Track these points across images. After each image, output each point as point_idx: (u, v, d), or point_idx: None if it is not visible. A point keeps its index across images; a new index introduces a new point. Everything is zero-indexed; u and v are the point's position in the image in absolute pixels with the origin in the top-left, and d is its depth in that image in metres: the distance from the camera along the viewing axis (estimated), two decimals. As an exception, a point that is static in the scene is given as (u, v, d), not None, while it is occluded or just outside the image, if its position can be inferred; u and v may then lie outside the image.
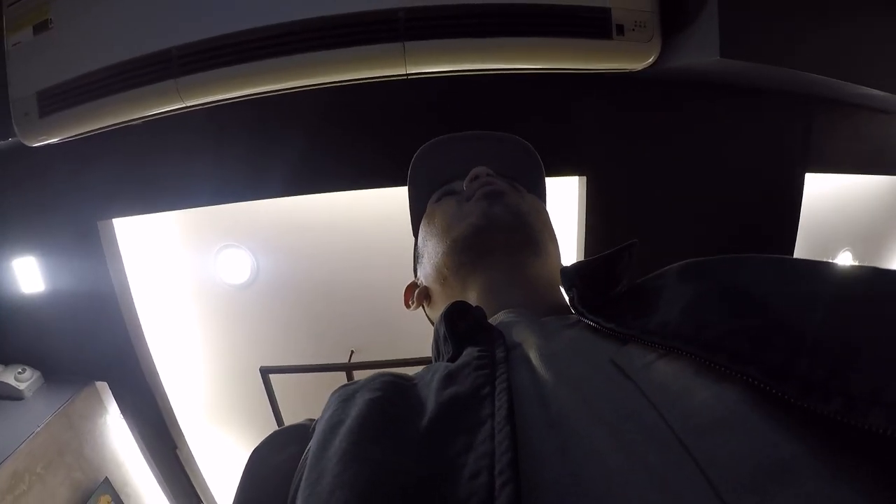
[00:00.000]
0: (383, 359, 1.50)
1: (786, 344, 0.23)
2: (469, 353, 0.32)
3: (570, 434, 0.24)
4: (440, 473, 0.22)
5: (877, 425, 0.18)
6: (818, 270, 0.27)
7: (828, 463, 0.19)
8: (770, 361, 0.23)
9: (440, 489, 0.21)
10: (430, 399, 0.28)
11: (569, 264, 0.41)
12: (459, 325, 0.36)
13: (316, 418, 0.33)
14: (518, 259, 0.49)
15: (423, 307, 0.60)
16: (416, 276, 0.63)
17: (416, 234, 0.63)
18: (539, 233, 0.51)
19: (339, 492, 0.22)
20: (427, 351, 0.44)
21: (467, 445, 0.23)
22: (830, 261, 0.28)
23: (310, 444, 0.29)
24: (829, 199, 1.73)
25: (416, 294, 0.58)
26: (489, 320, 0.39)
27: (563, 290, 0.41)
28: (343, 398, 0.31)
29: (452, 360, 0.33)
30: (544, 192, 0.65)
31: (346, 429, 0.26)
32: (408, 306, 0.59)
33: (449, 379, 0.29)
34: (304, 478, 0.26)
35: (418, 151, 0.65)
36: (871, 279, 0.25)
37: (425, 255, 0.57)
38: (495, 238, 0.48)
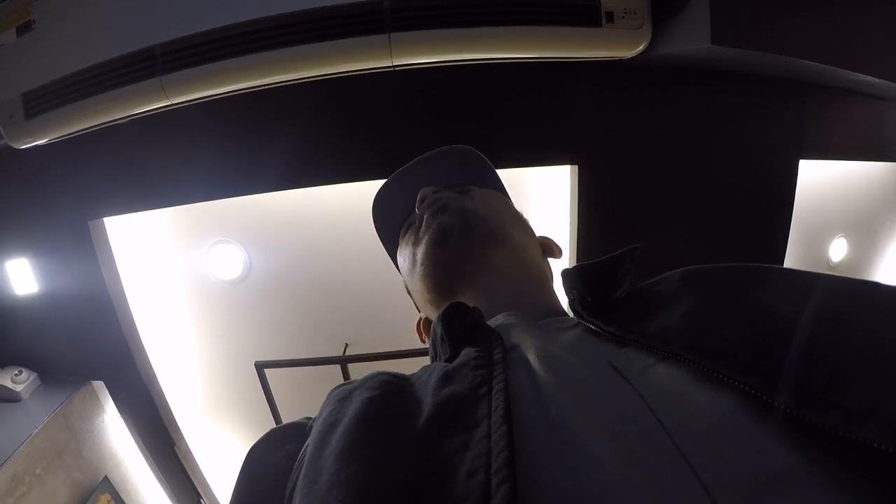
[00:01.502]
0: (378, 351, 1.50)
1: (785, 355, 0.23)
2: (466, 353, 0.31)
3: (569, 435, 0.24)
4: (437, 472, 0.22)
5: (872, 439, 0.18)
6: (818, 283, 0.27)
7: (824, 474, 0.19)
8: (769, 371, 0.23)
9: (437, 488, 0.21)
10: (428, 398, 0.28)
11: (569, 266, 0.41)
12: (457, 327, 0.36)
13: (313, 417, 0.33)
14: (484, 255, 0.48)
15: None
16: (419, 311, 0.64)
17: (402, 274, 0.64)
18: (494, 222, 0.50)
19: (336, 490, 0.22)
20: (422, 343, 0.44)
21: (464, 444, 0.23)
22: (831, 274, 0.28)
23: (307, 442, 0.29)
24: (824, 186, 1.72)
25: (423, 326, 0.59)
26: (487, 323, 0.39)
27: (564, 291, 0.41)
28: (341, 397, 0.31)
29: (450, 360, 0.33)
30: (499, 182, 0.66)
31: (344, 428, 0.26)
32: (423, 342, 0.59)
33: (446, 379, 0.29)
34: (301, 476, 0.26)
35: (373, 203, 0.66)
36: (870, 293, 0.25)
37: (411, 289, 0.57)
38: (455, 246, 0.48)
